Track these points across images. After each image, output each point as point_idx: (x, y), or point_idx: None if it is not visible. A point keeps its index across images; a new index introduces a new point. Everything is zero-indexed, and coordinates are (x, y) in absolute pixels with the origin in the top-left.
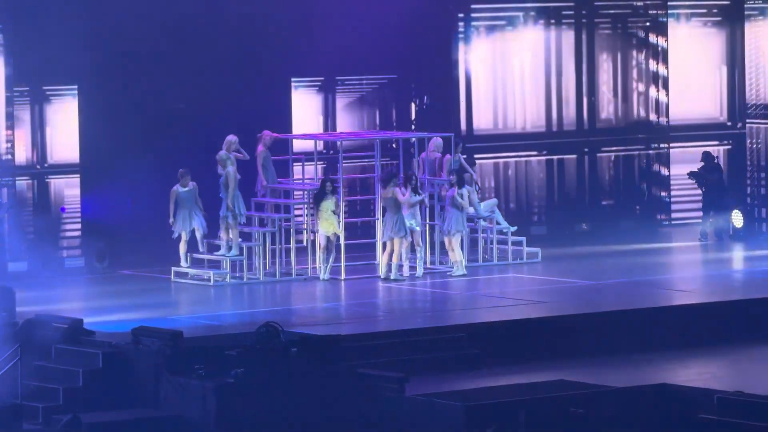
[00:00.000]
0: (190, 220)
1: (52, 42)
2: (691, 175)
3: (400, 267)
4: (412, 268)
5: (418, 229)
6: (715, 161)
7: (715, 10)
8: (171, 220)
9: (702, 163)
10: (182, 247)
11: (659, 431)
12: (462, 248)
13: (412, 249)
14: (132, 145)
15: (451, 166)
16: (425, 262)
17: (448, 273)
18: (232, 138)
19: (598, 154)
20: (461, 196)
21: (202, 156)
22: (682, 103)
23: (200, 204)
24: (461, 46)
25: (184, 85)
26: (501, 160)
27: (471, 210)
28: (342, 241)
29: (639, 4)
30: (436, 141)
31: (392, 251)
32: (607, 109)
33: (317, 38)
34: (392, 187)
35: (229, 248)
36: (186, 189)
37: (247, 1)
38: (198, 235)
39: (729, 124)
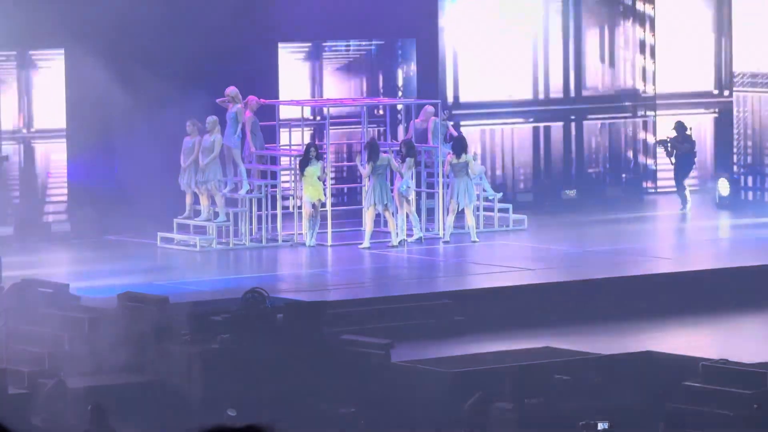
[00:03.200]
0: (194, 173)
1: (37, 5)
2: (660, 143)
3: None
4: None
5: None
6: (688, 131)
7: None
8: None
9: (674, 133)
10: (187, 199)
11: (644, 398)
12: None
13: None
14: (118, 110)
15: (437, 130)
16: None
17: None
18: (233, 89)
19: (585, 122)
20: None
21: (182, 122)
22: (669, 72)
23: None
24: (448, 12)
25: (171, 50)
26: (487, 128)
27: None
28: (328, 208)
29: None
30: (428, 110)
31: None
32: (593, 76)
33: (304, 3)
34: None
35: (216, 214)
36: (191, 140)
37: None
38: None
39: (716, 92)
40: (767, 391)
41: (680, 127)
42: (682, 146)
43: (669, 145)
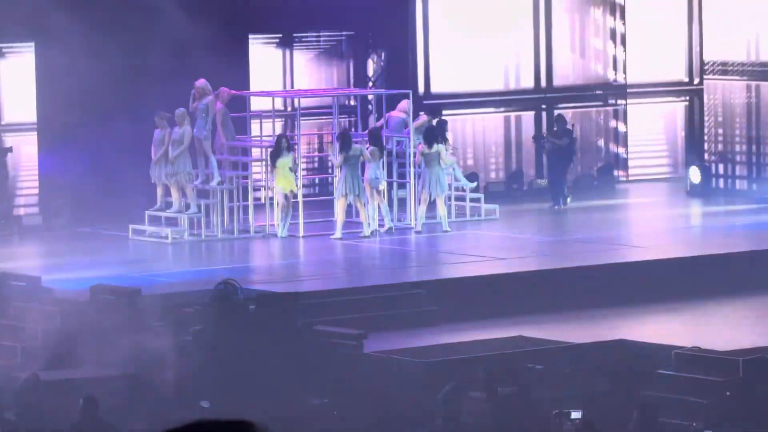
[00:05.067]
0: (164, 165)
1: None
2: (535, 137)
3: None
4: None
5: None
6: (569, 126)
7: None
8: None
9: (555, 127)
10: (158, 191)
11: (618, 387)
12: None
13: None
14: (89, 102)
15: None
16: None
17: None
18: (203, 82)
19: (555, 111)
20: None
21: (151, 114)
22: (640, 60)
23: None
24: (419, 3)
25: (143, 42)
26: (458, 117)
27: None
28: (300, 198)
29: None
30: (407, 102)
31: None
32: (564, 66)
33: None
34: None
35: (187, 206)
36: (161, 132)
37: None
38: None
39: (687, 81)
40: (740, 378)
41: (560, 121)
42: (560, 141)
43: (544, 140)
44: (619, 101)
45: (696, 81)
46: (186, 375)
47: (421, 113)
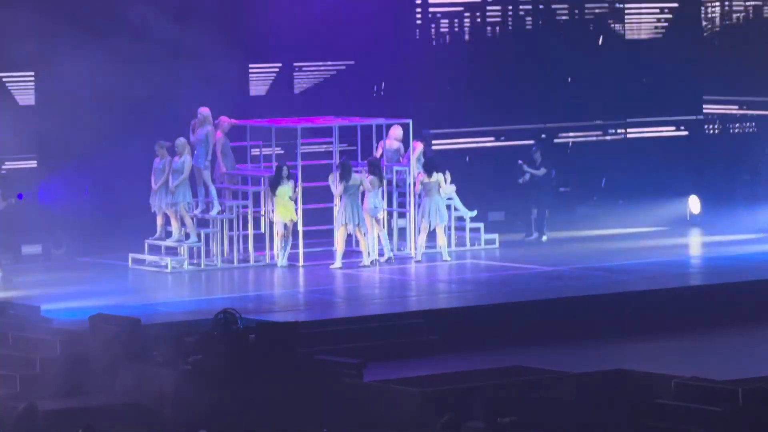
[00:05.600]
0: (164, 194)
1: (8, 28)
2: (518, 167)
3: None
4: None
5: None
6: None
7: None
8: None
9: (540, 157)
10: (158, 221)
11: (616, 417)
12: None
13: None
14: (88, 131)
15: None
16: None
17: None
18: (205, 110)
19: (555, 140)
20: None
21: (151, 144)
22: (639, 90)
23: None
24: (419, 31)
25: (142, 72)
26: (458, 146)
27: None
28: (300, 228)
29: None
30: (398, 129)
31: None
32: (564, 95)
33: (275, 24)
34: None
35: (187, 235)
36: (161, 161)
37: None
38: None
39: (686, 110)
40: (739, 408)
41: (539, 151)
42: (537, 171)
43: (519, 169)
44: (618, 130)
45: (695, 110)
46: (185, 404)
47: (416, 141)
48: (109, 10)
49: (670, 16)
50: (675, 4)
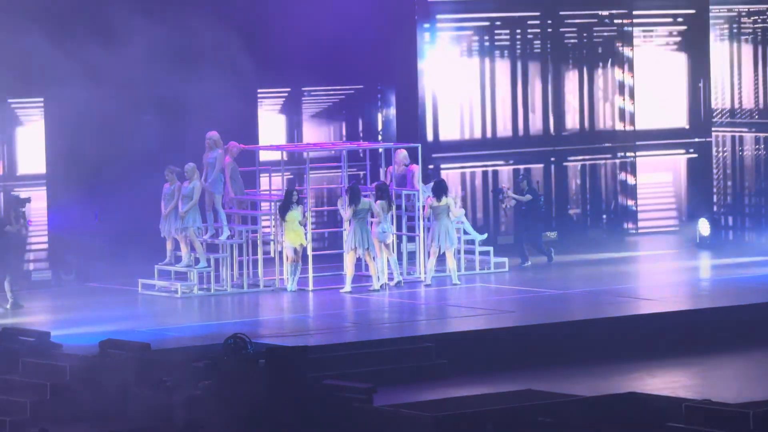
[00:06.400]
0: (174, 219)
1: (17, 55)
2: (494, 192)
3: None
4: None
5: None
6: (534, 184)
7: (680, 19)
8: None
9: (526, 185)
10: (168, 246)
11: None
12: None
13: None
14: (98, 157)
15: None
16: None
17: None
18: (215, 134)
19: (565, 163)
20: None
21: (161, 169)
22: (648, 112)
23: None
24: (427, 55)
25: (152, 97)
26: (467, 170)
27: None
28: (309, 252)
29: (605, 13)
30: (403, 153)
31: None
32: (573, 118)
33: (283, 50)
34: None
35: (197, 260)
36: (170, 187)
37: (212, 13)
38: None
39: (695, 132)
40: (751, 431)
41: (525, 177)
42: (522, 197)
43: (503, 195)
44: (627, 153)
45: (704, 133)
46: (195, 429)
47: (412, 165)
48: (117, 38)
49: (679, 39)
50: (684, 27)
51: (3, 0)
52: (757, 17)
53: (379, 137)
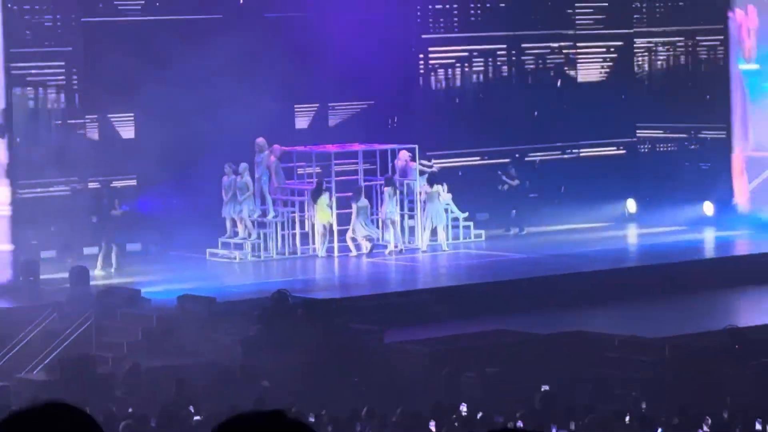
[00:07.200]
0: (233, 205)
1: (113, 80)
2: (498, 176)
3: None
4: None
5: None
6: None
7: (612, 49)
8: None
9: (514, 173)
10: (228, 224)
11: (577, 366)
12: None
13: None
14: (176, 156)
15: (415, 171)
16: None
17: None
18: (261, 140)
19: (525, 159)
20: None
21: (222, 165)
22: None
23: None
24: (422, 78)
25: (213, 112)
26: (456, 164)
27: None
28: (334, 228)
29: (555, 45)
30: (403, 152)
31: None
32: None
33: (315, 73)
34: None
35: (250, 234)
36: (228, 179)
37: (266, 42)
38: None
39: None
40: (666, 358)
41: (517, 165)
42: (512, 182)
43: (502, 178)
44: (573, 150)
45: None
46: (250, 362)
47: (410, 161)
48: (185, 65)
49: (611, 64)
50: (615, 55)
51: (102, 33)
52: (669, 46)
53: (387, 140)
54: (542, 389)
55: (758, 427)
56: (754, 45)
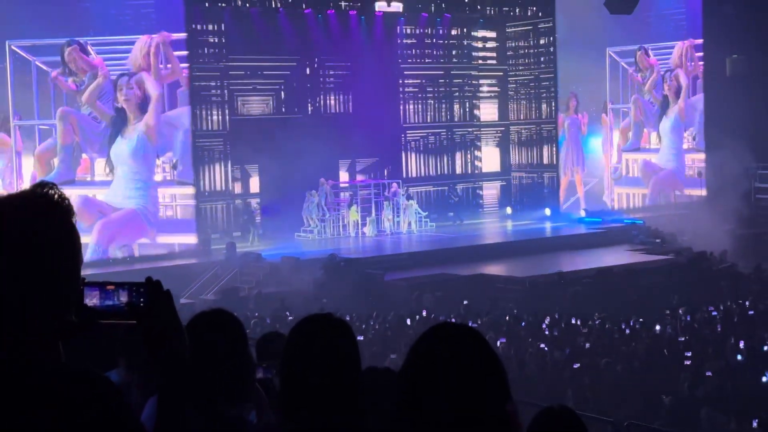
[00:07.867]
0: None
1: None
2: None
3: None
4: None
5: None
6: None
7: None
8: None
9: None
10: (304, 219)
11: (480, 291)
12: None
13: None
14: (286, 187)
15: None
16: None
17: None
18: (322, 179)
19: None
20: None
21: (303, 192)
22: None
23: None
24: (401, 103)
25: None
26: (427, 189)
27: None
28: (358, 221)
29: None
30: (395, 183)
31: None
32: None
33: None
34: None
35: (316, 225)
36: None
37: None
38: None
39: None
40: (526, 287)
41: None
42: (455, 198)
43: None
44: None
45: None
46: (317, 290)
47: (394, 185)
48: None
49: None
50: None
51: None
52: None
53: (386, 172)
54: (464, 303)
55: (755, 425)
56: None
